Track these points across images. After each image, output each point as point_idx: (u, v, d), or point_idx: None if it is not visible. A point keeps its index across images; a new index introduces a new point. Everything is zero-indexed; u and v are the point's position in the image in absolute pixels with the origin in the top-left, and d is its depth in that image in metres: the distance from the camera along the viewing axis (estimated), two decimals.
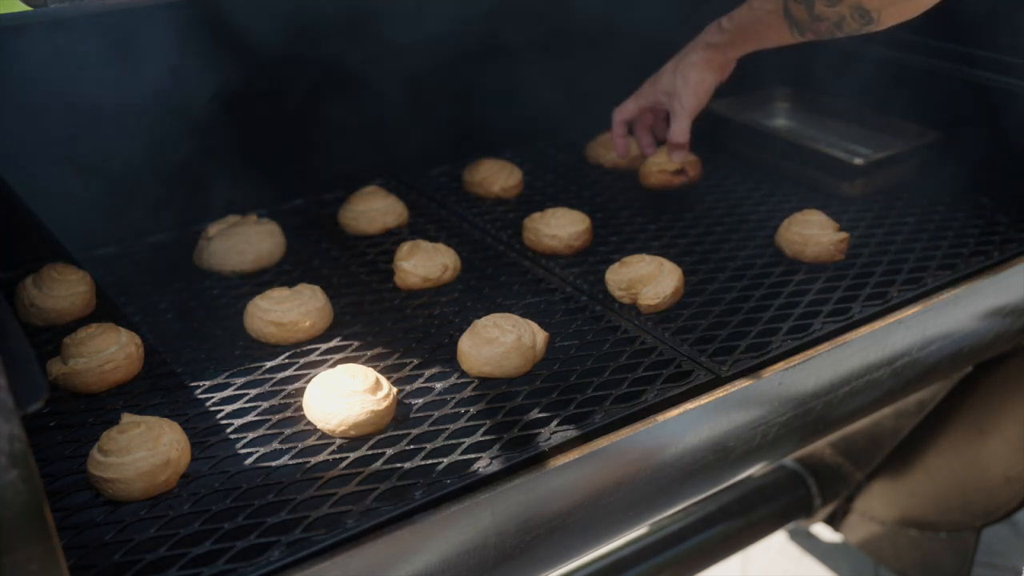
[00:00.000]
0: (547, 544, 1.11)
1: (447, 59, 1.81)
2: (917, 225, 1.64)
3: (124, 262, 1.56)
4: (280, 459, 1.10)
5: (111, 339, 1.23)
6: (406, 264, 1.46)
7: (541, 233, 1.56)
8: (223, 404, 1.20)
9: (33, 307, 1.36)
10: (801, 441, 1.40)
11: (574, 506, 1.11)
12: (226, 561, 0.95)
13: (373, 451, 1.11)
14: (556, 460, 1.08)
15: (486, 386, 1.23)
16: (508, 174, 1.79)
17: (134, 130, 1.56)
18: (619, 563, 1.95)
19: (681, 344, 1.30)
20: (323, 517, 1.00)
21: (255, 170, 1.65)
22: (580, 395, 1.20)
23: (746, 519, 2.11)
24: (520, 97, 1.87)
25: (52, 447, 1.13)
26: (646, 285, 1.38)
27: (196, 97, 1.58)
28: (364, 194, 1.68)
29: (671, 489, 1.24)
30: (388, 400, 1.14)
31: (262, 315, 1.32)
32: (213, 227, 1.55)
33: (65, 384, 1.22)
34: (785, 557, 2.43)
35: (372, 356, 1.30)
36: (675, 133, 1.63)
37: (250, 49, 1.58)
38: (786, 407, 1.28)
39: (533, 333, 1.27)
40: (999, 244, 1.57)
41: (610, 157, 1.89)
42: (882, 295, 1.42)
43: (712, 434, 1.22)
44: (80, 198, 1.54)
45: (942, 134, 1.77)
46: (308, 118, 1.74)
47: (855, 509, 2.24)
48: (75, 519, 1.02)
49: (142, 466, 1.03)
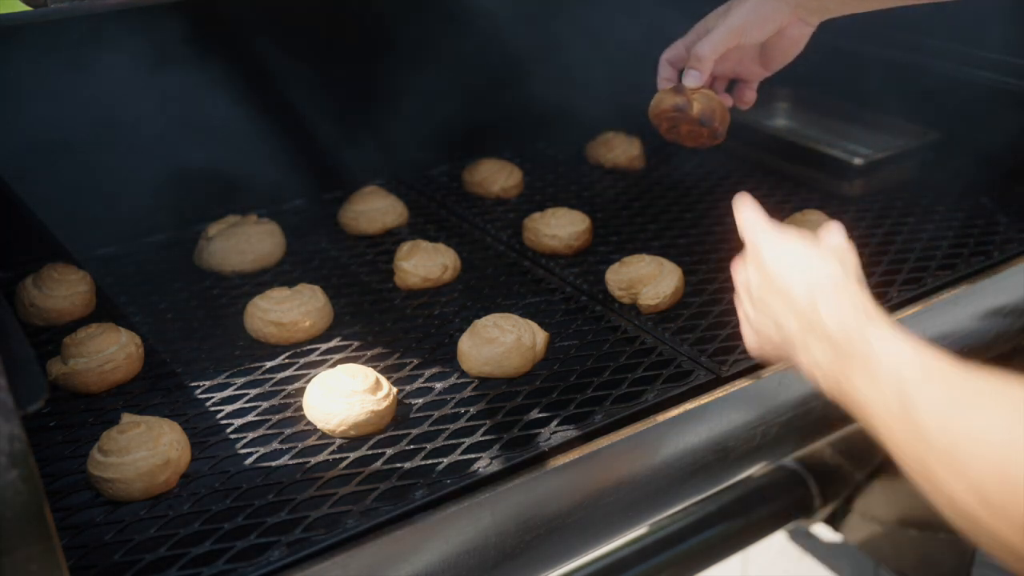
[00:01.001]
0: (547, 544, 1.11)
1: (447, 59, 1.81)
2: (917, 225, 1.64)
3: (124, 262, 1.56)
4: (280, 459, 1.10)
5: (111, 339, 1.23)
6: (406, 264, 1.46)
7: (541, 233, 1.56)
8: (223, 404, 1.20)
9: (33, 307, 1.36)
10: (801, 441, 1.40)
11: (574, 506, 1.11)
12: (226, 561, 0.95)
13: (373, 451, 1.11)
14: (556, 460, 1.08)
15: (486, 386, 1.23)
16: (508, 174, 1.79)
17: (134, 130, 1.56)
18: (619, 563, 1.95)
19: (681, 344, 1.30)
20: (323, 517, 1.00)
21: (255, 170, 1.65)
22: (580, 395, 1.20)
23: (746, 519, 2.11)
24: (520, 97, 1.87)
25: (52, 447, 1.13)
26: (646, 285, 1.38)
27: (196, 97, 1.57)
28: (364, 194, 1.68)
29: (671, 489, 1.23)
30: (388, 400, 1.14)
31: (262, 315, 1.32)
32: (213, 227, 1.55)
33: (65, 384, 1.22)
34: (785, 557, 2.43)
35: (372, 356, 1.30)
36: (699, 45, 1.25)
37: (250, 49, 1.58)
38: (786, 407, 1.28)
39: (533, 333, 1.27)
40: (999, 244, 1.57)
41: (610, 157, 1.89)
42: (882, 295, 1.42)
43: (712, 434, 1.21)
44: (80, 198, 1.54)
45: (942, 134, 1.77)
46: (308, 118, 1.74)
47: (855, 509, 2.24)
48: (75, 519, 1.02)
49: (142, 466, 1.03)
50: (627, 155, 1.88)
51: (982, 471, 0.63)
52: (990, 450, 0.63)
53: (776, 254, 0.93)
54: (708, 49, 1.24)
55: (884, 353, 0.76)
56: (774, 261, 0.92)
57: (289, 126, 1.73)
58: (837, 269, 0.88)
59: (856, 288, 0.86)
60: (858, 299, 0.84)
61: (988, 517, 0.63)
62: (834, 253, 0.91)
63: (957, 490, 0.65)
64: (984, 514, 0.63)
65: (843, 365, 0.80)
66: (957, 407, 0.68)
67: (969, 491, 0.64)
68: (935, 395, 0.70)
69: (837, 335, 0.82)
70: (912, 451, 0.70)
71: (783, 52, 1.29)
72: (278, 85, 1.69)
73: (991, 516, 0.62)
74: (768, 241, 0.95)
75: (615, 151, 1.89)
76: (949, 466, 0.66)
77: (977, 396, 0.68)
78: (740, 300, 1.00)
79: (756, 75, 1.35)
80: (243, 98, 1.61)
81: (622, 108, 1.93)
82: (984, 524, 0.63)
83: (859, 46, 1.84)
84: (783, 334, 0.90)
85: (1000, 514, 0.62)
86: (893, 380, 0.74)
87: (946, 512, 0.67)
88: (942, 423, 0.68)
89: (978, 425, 0.65)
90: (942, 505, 0.67)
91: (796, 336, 0.87)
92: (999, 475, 0.62)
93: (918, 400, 0.71)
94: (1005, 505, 0.61)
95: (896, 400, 0.73)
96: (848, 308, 0.83)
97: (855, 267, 0.91)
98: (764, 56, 1.30)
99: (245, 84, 1.60)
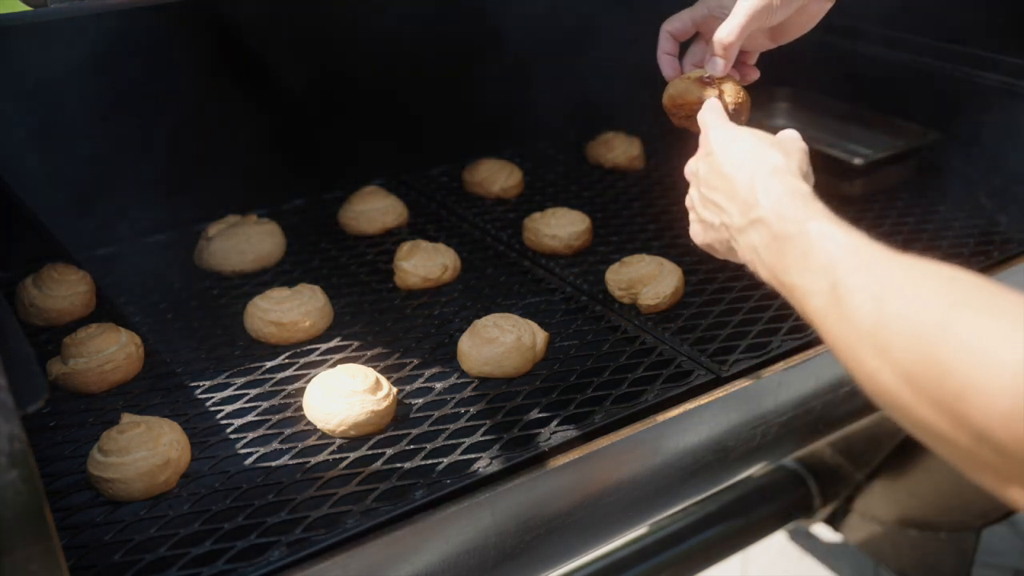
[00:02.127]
0: (547, 544, 1.11)
1: (447, 59, 1.81)
2: (917, 225, 1.65)
3: (124, 262, 1.56)
4: (280, 459, 1.10)
5: (111, 339, 1.23)
6: (406, 264, 1.46)
7: (541, 233, 1.56)
8: (223, 404, 1.20)
9: (33, 307, 1.36)
10: (801, 441, 1.41)
11: (574, 506, 1.11)
12: (226, 561, 0.95)
13: (373, 451, 1.11)
14: (556, 460, 1.08)
15: (486, 386, 1.23)
16: (508, 174, 1.79)
17: (134, 130, 1.56)
18: (619, 563, 1.95)
19: (681, 344, 1.30)
20: (323, 517, 1.00)
21: (255, 170, 1.65)
22: (580, 395, 1.20)
23: (746, 519, 2.11)
24: (520, 97, 1.87)
25: (52, 447, 1.13)
26: (646, 285, 1.38)
27: (196, 97, 1.58)
28: (364, 194, 1.68)
29: (671, 489, 1.23)
30: (388, 400, 1.14)
31: (262, 315, 1.32)
32: (213, 227, 1.55)
33: (65, 384, 1.22)
34: (785, 557, 2.43)
35: (372, 356, 1.30)
36: (721, 30, 1.14)
37: (249, 49, 1.58)
38: (786, 407, 1.28)
39: (533, 333, 1.27)
40: (999, 244, 1.57)
41: (610, 157, 1.89)
42: None
43: (712, 434, 1.22)
44: (80, 198, 1.53)
45: (942, 134, 1.77)
46: (308, 118, 1.74)
47: (855, 509, 2.24)
48: (75, 519, 1.02)
49: (142, 466, 1.03)
50: (627, 155, 1.88)
51: (908, 353, 0.63)
52: (917, 331, 0.64)
53: (723, 143, 0.96)
54: (734, 34, 1.14)
55: (818, 237, 0.78)
56: (721, 150, 0.95)
57: (289, 126, 1.73)
58: (780, 159, 0.90)
59: (797, 176, 0.88)
60: (797, 186, 0.86)
61: (913, 400, 0.63)
62: (780, 144, 0.93)
63: (883, 373, 0.66)
64: (909, 397, 0.63)
65: (779, 250, 0.82)
66: (886, 290, 0.68)
67: (895, 374, 0.65)
68: (865, 280, 0.70)
69: (773, 220, 0.83)
70: (843, 335, 0.71)
71: (799, 27, 1.21)
72: (279, 85, 1.69)
73: (916, 398, 0.63)
74: (718, 133, 0.97)
75: (615, 151, 1.89)
76: (876, 349, 0.66)
77: (906, 279, 0.68)
78: (689, 194, 1.02)
79: (761, 47, 1.25)
80: (244, 97, 1.61)
81: (622, 108, 1.93)
82: (910, 408, 0.64)
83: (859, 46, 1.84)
84: (725, 220, 0.91)
85: (924, 396, 0.62)
86: (825, 265, 0.75)
87: (874, 397, 0.68)
88: (871, 307, 0.68)
89: (905, 307, 0.66)
90: (870, 391, 0.68)
91: (737, 223, 0.89)
92: (924, 357, 0.62)
93: (848, 284, 0.71)
94: (929, 387, 0.62)
95: (827, 285, 0.74)
96: (785, 194, 0.84)
97: (801, 159, 0.93)
98: (775, 30, 1.21)
99: (247, 83, 1.60)
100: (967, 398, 0.59)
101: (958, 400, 0.60)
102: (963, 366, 0.60)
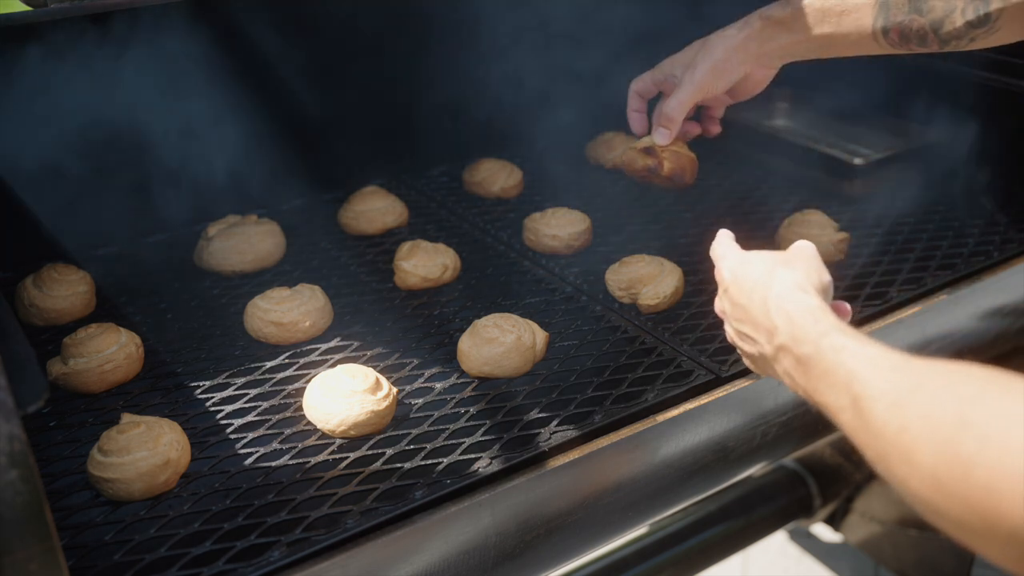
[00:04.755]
0: (547, 544, 1.11)
1: (447, 59, 1.81)
2: (917, 225, 1.65)
3: (124, 262, 1.56)
4: (280, 459, 1.10)
5: (111, 339, 1.23)
6: (406, 264, 1.46)
7: (541, 233, 1.56)
8: (223, 404, 1.20)
9: (33, 307, 1.36)
10: (801, 441, 1.40)
11: (574, 506, 1.11)
12: (226, 561, 0.95)
13: (373, 451, 1.11)
14: (556, 460, 1.08)
15: (486, 386, 1.23)
16: (508, 174, 1.79)
17: (134, 130, 1.56)
18: (619, 563, 1.95)
19: (681, 344, 1.30)
20: (323, 517, 1.00)
21: (255, 170, 1.65)
22: (580, 395, 1.20)
23: (746, 519, 2.11)
24: (520, 97, 1.87)
25: (52, 447, 1.13)
26: (646, 285, 1.38)
27: (196, 98, 1.57)
28: (364, 194, 1.68)
29: (671, 489, 1.23)
30: (388, 400, 1.14)
31: (262, 315, 1.32)
32: (213, 227, 1.55)
33: (65, 384, 1.22)
34: (785, 557, 2.43)
35: (372, 356, 1.30)
36: (667, 105, 1.29)
37: (248, 49, 1.58)
38: (786, 407, 1.28)
39: (533, 333, 1.27)
40: (999, 244, 1.57)
41: (610, 157, 1.89)
42: (882, 295, 1.42)
43: (712, 434, 1.21)
44: (81, 198, 1.54)
45: (942, 134, 1.77)
46: (308, 118, 1.74)
47: (855, 509, 2.24)
48: (75, 519, 1.02)
49: (142, 466, 1.03)
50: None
51: (932, 456, 0.63)
52: (937, 430, 0.63)
53: (735, 275, 0.97)
54: (677, 109, 1.29)
55: (832, 353, 0.79)
56: (734, 283, 0.96)
57: (289, 126, 1.73)
58: (787, 277, 0.90)
59: (807, 291, 0.88)
60: (807, 303, 0.86)
61: (944, 502, 0.62)
62: (788, 261, 0.93)
63: (913, 480, 0.65)
64: (941, 500, 0.63)
65: (804, 372, 0.83)
66: (903, 395, 0.68)
67: (923, 478, 0.64)
68: (883, 388, 0.71)
69: (791, 344, 0.85)
70: (872, 446, 0.71)
71: (748, 90, 1.33)
72: (279, 85, 1.69)
73: (947, 501, 0.62)
74: (730, 264, 0.99)
75: (615, 151, 1.88)
76: (903, 455, 0.66)
77: (921, 382, 0.68)
78: (726, 331, 1.03)
79: (722, 103, 1.39)
80: (243, 97, 1.61)
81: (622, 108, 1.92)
82: (944, 511, 0.63)
83: None
84: (760, 350, 0.92)
85: (954, 497, 0.61)
86: (845, 380, 0.76)
87: (913, 506, 0.67)
88: (892, 414, 0.68)
89: (923, 409, 0.66)
90: (908, 499, 0.68)
91: (767, 351, 0.90)
92: (947, 457, 0.62)
93: (868, 395, 0.72)
94: (957, 487, 0.61)
95: (849, 400, 0.74)
96: (796, 314, 0.85)
97: (809, 268, 0.93)
98: (730, 90, 1.33)
99: (246, 83, 1.60)
100: (995, 487, 0.59)
101: (987, 492, 0.59)
102: (986, 458, 0.59)
